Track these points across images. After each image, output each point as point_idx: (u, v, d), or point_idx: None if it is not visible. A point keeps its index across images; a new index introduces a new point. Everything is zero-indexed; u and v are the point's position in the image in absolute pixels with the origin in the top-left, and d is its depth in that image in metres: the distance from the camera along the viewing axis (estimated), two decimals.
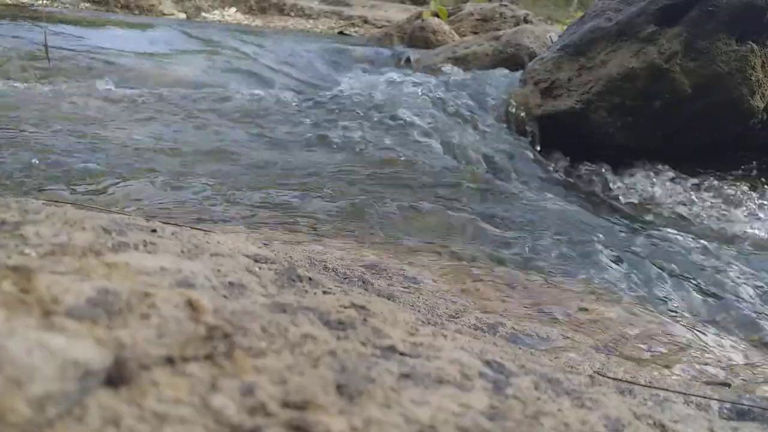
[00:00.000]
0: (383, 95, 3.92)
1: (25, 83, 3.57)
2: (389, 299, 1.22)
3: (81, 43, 4.83)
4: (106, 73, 4.06)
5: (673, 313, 1.72)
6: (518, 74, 4.13)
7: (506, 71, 4.56)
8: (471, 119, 3.76)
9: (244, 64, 4.98)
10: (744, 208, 3.09)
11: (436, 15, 7.30)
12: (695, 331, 1.61)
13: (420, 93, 4.02)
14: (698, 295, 1.88)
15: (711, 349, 1.47)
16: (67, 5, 8.65)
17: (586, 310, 1.55)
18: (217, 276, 0.73)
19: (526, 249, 2.04)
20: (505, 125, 3.74)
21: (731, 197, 3.21)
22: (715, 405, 1.00)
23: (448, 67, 5.11)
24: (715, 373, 1.27)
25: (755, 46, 3.35)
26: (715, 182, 3.33)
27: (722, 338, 1.59)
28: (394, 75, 4.59)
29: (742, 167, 3.52)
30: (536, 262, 1.95)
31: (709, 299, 1.87)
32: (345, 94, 3.94)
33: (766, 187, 3.30)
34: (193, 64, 4.72)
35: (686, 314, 1.74)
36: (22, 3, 7.60)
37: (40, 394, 0.40)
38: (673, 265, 2.14)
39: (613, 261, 2.06)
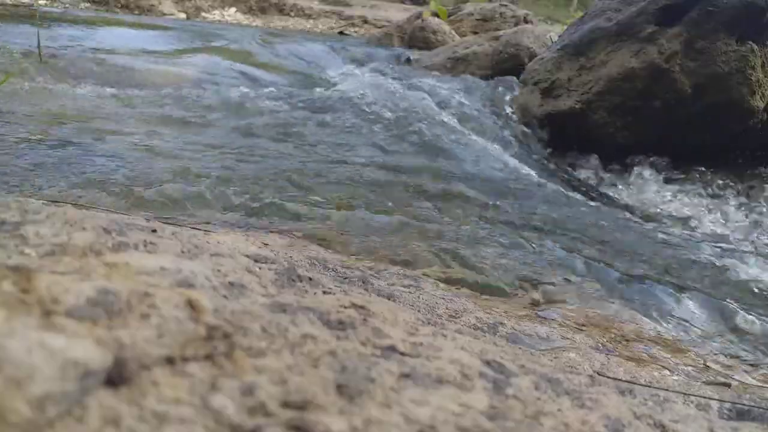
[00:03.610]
0: (382, 96, 3.92)
1: (22, 83, 3.57)
2: (389, 299, 1.22)
3: (80, 43, 4.83)
4: (104, 72, 4.06)
5: (666, 314, 1.72)
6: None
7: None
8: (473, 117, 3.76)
9: (242, 64, 4.98)
10: (743, 209, 3.08)
11: (436, 15, 7.30)
12: (690, 332, 1.61)
13: (421, 94, 4.02)
14: (690, 295, 1.88)
15: (708, 350, 1.47)
16: (66, 5, 8.65)
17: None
18: (217, 276, 0.73)
19: (525, 249, 2.04)
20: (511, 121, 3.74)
21: (730, 197, 3.21)
22: (715, 405, 1.00)
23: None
24: (716, 373, 1.27)
25: (755, 46, 3.35)
26: (714, 182, 3.33)
27: (718, 342, 1.59)
28: (393, 75, 4.60)
29: (742, 167, 3.52)
30: (533, 262, 1.95)
31: (701, 299, 1.87)
32: (343, 94, 3.94)
33: (766, 186, 3.30)
34: (192, 64, 4.71)
35: (678, 314, 1.75)
36: (22, 2, 7.61)
37: (40, 394, 0.40)
38: (664, 263, 2.14)
39: (603, 259, 2.06)
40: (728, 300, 1.89)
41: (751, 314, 1.79)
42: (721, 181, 3.33)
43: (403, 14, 9.12)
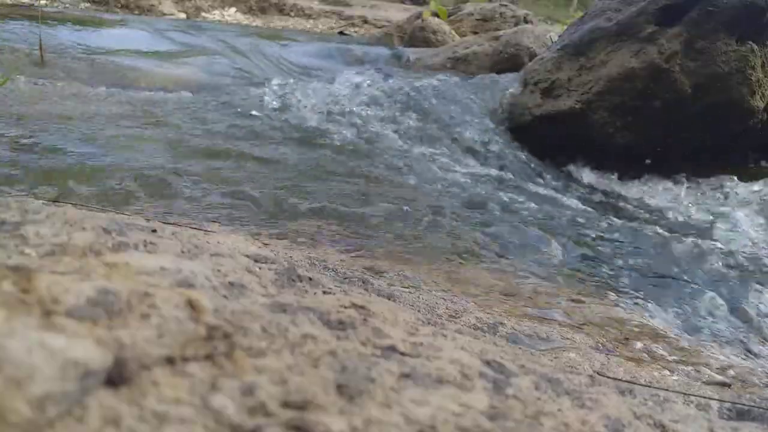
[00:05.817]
0: (383, 96, 3.92)
1: (23, 83, 3.56)
2: (389, 299, 1.22)
3: (80, 43, 4.83)
4: (104, 73, 4.06)
5: (666, 314, 1.72)
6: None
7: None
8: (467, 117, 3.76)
9: (242, 65, 4.98)
10: (743, 209, 3.08)
11: (436, 15, 7.29)
12: (690, 332, 1.61)
13: (421, 93, 4.01)
14: (689, 295, 1.88)
15: (708, 350, 1.47)
16: (66, 5, 8.65)
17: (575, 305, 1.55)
18: (217, 276, 0.72)
19: (522, 249, 2.04)
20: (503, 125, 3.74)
21: (730, 198, 3.20)
22: (715, 405, 1.00)
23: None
24: (715, 373, 1.27)
25: (755, 46, 3.35)
26: (714, 182, 3.33)
27: (718, 342, 1.59)
28: (394, 75, 4.59)
29: (742, 167, 3.51)
30: (531, 264, 1.95)
31: (701, 300, 1.87)
32: (343, 94, 3.94)
33: (766, 187, 3.30)
34: (192, 65, 4.71)
35: (678, 314, 1.75)
36: (22, 2, 7.60)
37: (40, 394, 0.40)
38: (664, 263, 2.14)
39: (603, 259, 2.06)
40: (729, 300, 1.89)
41: (751, 315, 1.79)
42: (721, 181, 3.33)
43: (403, 14, 9.11)
